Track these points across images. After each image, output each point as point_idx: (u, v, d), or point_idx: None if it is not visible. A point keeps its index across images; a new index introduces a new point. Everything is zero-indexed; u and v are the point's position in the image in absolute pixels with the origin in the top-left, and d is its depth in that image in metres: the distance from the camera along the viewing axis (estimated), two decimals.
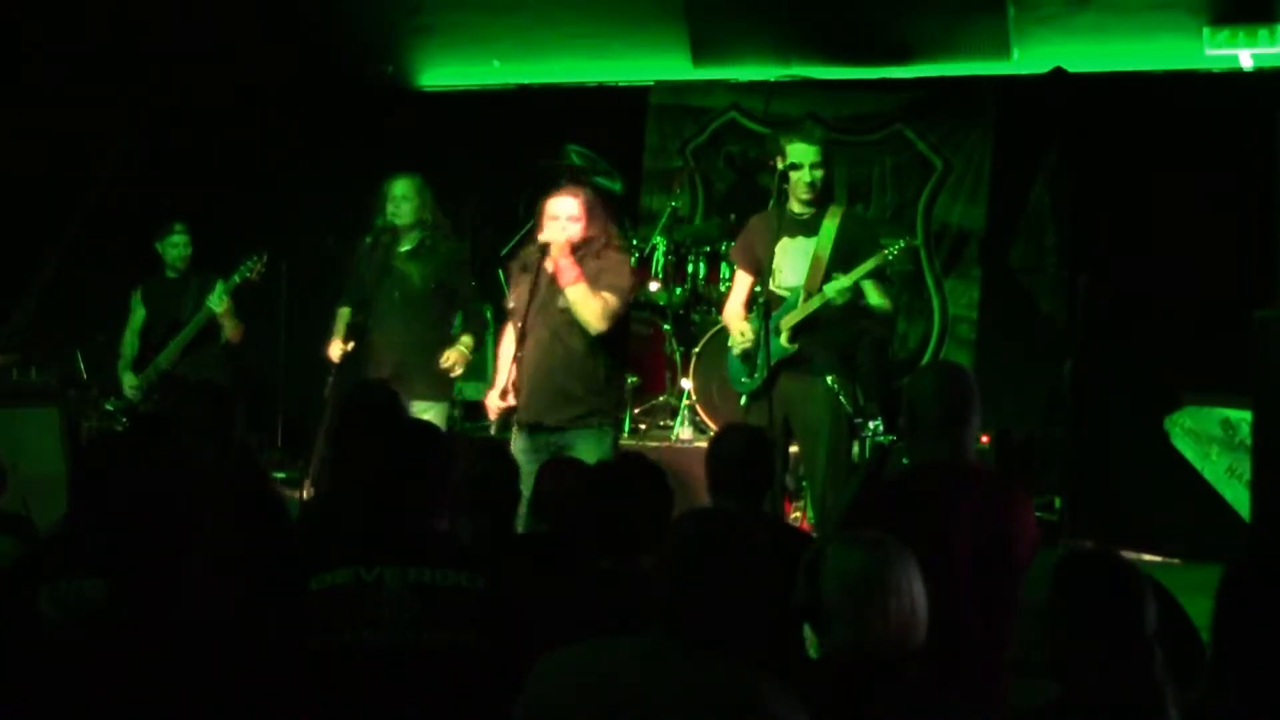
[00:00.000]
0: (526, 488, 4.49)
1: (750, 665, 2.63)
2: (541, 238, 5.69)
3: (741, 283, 6.11)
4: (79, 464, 3.89)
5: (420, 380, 6.37)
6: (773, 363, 5.73)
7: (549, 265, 5.66)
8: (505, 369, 5.81)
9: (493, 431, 6.16)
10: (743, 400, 5.91)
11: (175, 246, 7.52)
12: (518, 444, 5.67)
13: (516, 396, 5.70)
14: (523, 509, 4.63)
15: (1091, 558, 2.97)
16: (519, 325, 5.74)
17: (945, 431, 3.68)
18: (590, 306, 5.59)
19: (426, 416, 6.07)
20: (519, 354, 5.68)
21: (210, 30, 8.54)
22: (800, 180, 5.83)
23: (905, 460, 4.03)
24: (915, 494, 3.64)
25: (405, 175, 6.67)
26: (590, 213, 5.72)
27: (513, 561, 3.74)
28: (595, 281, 5.62)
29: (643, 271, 7.43)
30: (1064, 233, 7.66)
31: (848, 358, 5.91)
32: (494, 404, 5.89)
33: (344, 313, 6.57)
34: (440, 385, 6.50)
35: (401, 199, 6.57)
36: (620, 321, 5.76)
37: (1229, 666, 2.73)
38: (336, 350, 6.44)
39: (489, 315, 8.49)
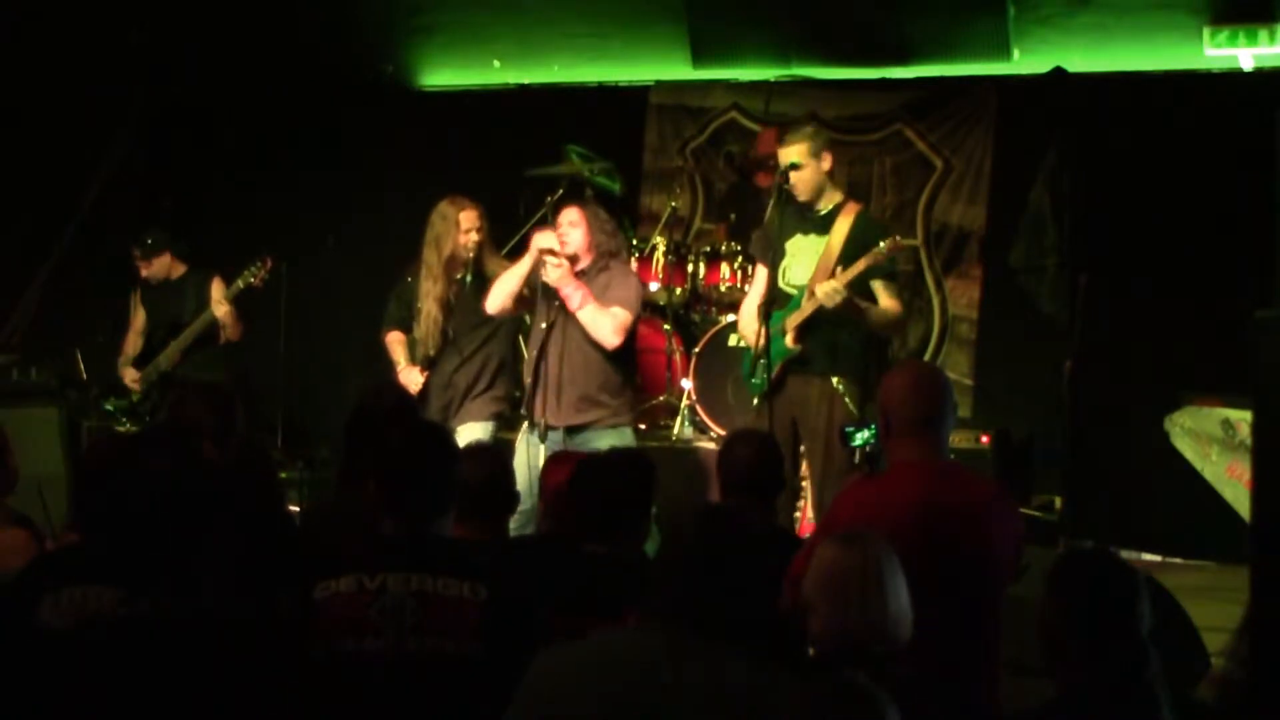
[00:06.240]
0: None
1: (767, 662, 2.64)
2: (543, 277, 5.80)
3: (760, 277, 6.04)
4: (82, 469, 3.86)
5: (477, 401, 6.27)
6: (779, 364, 5.72)
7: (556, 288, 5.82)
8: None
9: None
10: (754, 401, 5.89)
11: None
12: (532, 445, 5.80)
13: (528, 401, 5.92)
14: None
15: (1087, 557, 2.99)
16: (541, 327, 5.91)
17: (919, 432, 3.64)
18: (602, 325, 5.78)
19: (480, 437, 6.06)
20: (540, 363, 5.85)
21: (210, 30, 8.55)
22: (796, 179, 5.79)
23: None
24: (890, 495, 3.61)
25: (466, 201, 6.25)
26: (590, 220, 5.90)
27: (509, 564, 3.74)
28: (603, 295, 5.80)
29: (646, 274, 7.43)
30: (1064, 233, 7.65)
31: (857, 357, 5.78)
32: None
33: (403, 337, 6.38)
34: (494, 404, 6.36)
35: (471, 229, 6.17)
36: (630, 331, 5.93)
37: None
38: (415, 379, 6.25)
39: None
